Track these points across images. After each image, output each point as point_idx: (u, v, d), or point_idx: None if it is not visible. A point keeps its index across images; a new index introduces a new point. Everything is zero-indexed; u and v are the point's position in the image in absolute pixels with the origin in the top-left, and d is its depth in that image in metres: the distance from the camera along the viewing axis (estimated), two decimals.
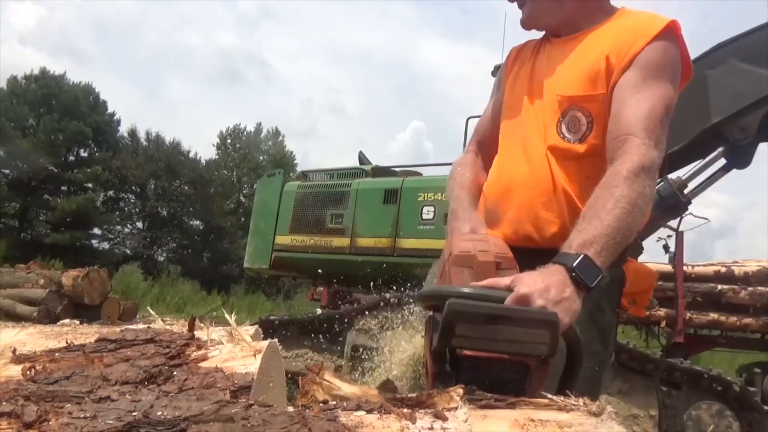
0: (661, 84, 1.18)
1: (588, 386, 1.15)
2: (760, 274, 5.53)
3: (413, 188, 5.36)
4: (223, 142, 32.12)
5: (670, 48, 1.21)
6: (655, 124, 1.14)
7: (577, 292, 0.94)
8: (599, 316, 1.26)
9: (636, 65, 1.18)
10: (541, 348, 0.89)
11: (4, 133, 22.11)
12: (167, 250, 28.08)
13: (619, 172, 1.07)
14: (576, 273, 0.94)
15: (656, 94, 1.16)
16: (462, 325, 0.90)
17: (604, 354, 1.31)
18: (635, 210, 1.03)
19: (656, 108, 1.15)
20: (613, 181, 1.06)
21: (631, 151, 1.09)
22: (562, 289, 0.92)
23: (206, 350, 1.26)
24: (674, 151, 4.41)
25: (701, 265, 5.94)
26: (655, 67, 1.18)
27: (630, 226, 1.02)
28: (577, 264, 0.95)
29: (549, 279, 0.92)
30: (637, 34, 1.21)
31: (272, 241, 6.05)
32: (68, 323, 1.97)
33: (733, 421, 3.84)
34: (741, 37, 4.28)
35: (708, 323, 5.70)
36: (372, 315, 4.78)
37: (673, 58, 1.22)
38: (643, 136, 1.11)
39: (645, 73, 1.18)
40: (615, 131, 1.14)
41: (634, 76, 1.18)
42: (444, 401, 0.86)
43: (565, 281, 0.93)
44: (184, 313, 12.61)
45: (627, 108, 1.15)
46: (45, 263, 9.40)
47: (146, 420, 0.77)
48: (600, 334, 1.28)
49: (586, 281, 0.94)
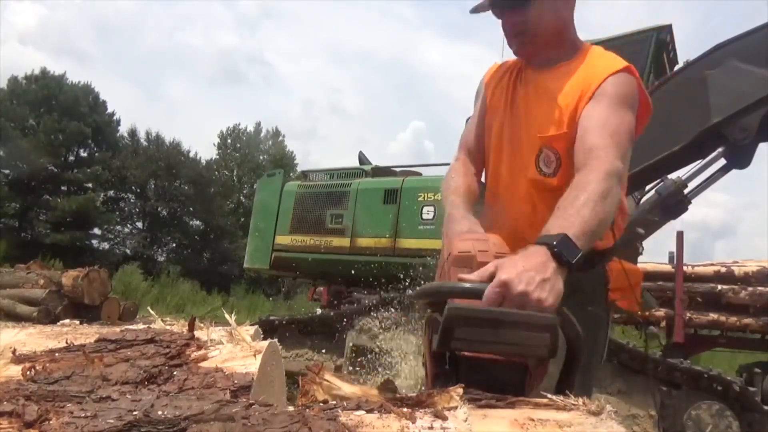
0: (622, 110, 1.31)
1: (579, 382, 1.16)
2: (760, 274, 5.53)
3: (413, 188, 5.36)
4: (224, 142, 32.14)
5: (628, 82, 1.36)
6: (619, 141, 1.26)
7: (559, 270, 0.97)
8: (587, 313, 1.32)
9: (599, 94, 1.33)
10: (541, 350, 0.90)
11: (4, 133, 22.12)
12: (167, 250, 28.10)
13: (589, 174, 1.17)
14: (557, 249, 0.98)
15: (618, 118, 1.29)
16: (461, 329, 0.90)
17: (594, 349, 1.38)
18: (606, 203, 1.11)
19: (619, 128, 1.28)
20: (584, 180, 1.15)
21: (598, 159, 1.19)
22: (544, 270, 0.95)
23: (206, 350, 1.26)
24: (674, 151, 4.42)
25: (701, 265, 5.95)
26: (616, 96, 1.32)
27: (601, 217, 1.09)
28: (558, 242, 1.00)
29: (529, 262, 0.95)
30: (600, 71, 1.36)
31: (272, 241, 6.05)
32: (68, 323, 1.98)
33: (733, 421, 3.84)
34: (741, 37, 4.28)
35: (708, 323, 5.70)
36: (372, 315, 4.78)
37: (632, 91, 1.36)
38: (608, 149, 1.22)
39: (607, 100, 1.31)
40: (582, 148, 1.26)
41: (597, 103, 1.31)
42: (444, 401, 0.86)
43: (547, 261, 0.97)
44: (184, 313, 12.60)
45: (592, 129, 1.27)
46: (45, 263, 9.39)
47: (147, 419, 0.77)
48: (589, 331, 1.28)
49: (567, 257, 0.98)
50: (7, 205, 22.85)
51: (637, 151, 5.10)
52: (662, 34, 5.10)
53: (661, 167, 4.51)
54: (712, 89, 4.24)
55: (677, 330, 5.35)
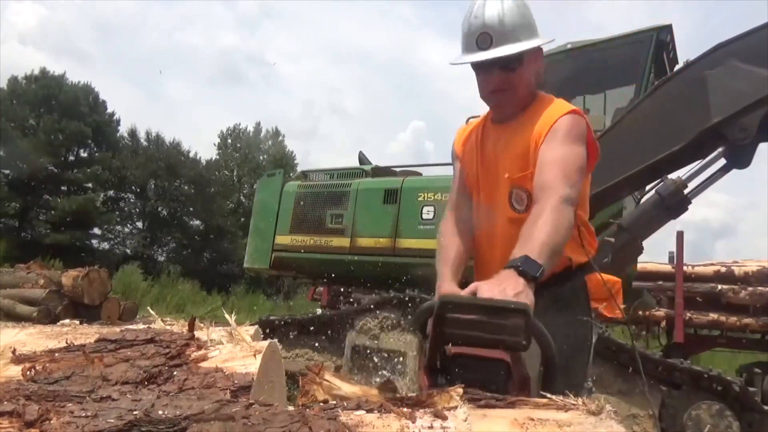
0: (572, 144, 1.49)
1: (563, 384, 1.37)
2: (760, 274, 5.53)
3: (413, 188, 5.36)
4: (224, 142, 32.15)
5: (577, 121, 1.53)
6: (569, 172, 1.43)
7: (528, 284, 1.16)
8: (568, 320, 1.55)
9: (551, 133, 1.50)
10: (517, 335, 1.04)
11: (4, 133, 22.11)
12: (167, 250, 28.10)
13: (544, 205, 1.35)
14: (522, 268, 1.18)
15: (569, 152, 1.47)
16: (450, 317, 1.06)
17: (576, 352, 1.57)
18: (559, 228, 1.31)
19: (569, 161, 1.45)
20: (540, 211, 1.34)
21: (550, 191, 1.38)
22: (516, 285, 1.15)
23: (206, 350, 1.26)
24: (674, 151, 4.41)
25: (701, 265, 5.95)
26: (566, 132, 1.50)
27: (557, 240, 1.29)
28: (521, 263, 1.20)
29: (503, 281, 1.16)
30: (553, 114, 1.55)
31: (272, 241, 6.04)
32: (68, 323, 1.98)
33: (733, 421, 3.84)
34: (741, 37, 4.28)
35: (708, 323, 5.70)
36: (372, 315, 4.78)
37: (581, 128, 1.54)
38: (560, 180, 1.40)
39: (559, 136, 1.49)
40: (539, 180, 1.44)
41: (550, 140, 1.50)
42: (444, 401, 0.87)
43: (517, 278, 1.17)
44: (184, 313, 12.59)
45: (546, 163, 1.45)
46: (45, 263, 9.39)
47: (147, 419, 0.77)
48: (571, 335, 1.54)
49: (531, 272, 1.18)
50: (7, 205, 22.84)
51: (637, 151, 5.12)
52: (662, 34, 5.09)
53: (661, 167, 4.51)
54: (712, 89, 4.24)
55: (677, 330, 5.35)
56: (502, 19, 1.52)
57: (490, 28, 1.52)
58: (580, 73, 5.42)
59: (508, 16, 1.53)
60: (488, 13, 1.53)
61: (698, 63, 4.41)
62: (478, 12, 1.55)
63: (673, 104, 4.47)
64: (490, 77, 1.58)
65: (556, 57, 5.50)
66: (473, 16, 1.55)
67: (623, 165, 4.57)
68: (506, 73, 1.56)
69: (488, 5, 1.55)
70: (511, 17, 1.53)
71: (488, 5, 1.55)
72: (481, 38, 1.53)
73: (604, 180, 4.58)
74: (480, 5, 1.56)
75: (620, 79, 5.42)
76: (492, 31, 1.52)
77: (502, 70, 1.55)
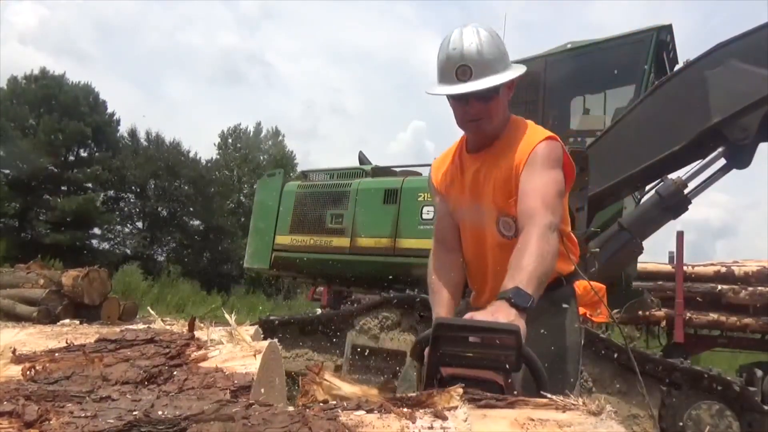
0: (551, 170, 1.57)
1: (561, 374, 1.57)
2: (760, 274, 5.52)
3: (413, 188, 5.35)
4: (224, 141, 32.14)
5: (553, 147, 1.60)
6: (550, 200, 1.50)
7: (519, 314, 1.23)
8: (560, 322, 1.68)
9: (530, 161, 1.57)
10: (509, 354, 1.10)
11: (4, 133, 22.09)
12: (167, 250, 28.06)
13: (530, 234, 1.42)
14: (514, 300, 1.25)
15: (548, 179, 1.54)
16: (446, 337, 1.12)
17: (568, 352, 1.65)
18: (545, 256, 1.38)
19: (549, 187, 1.53)
20: (527, 241, 1.41)
21: (535, 219, 1.44)
22: (508, 315, 1.22)
23: (206, 350, 1.26)
24: (674, 151, 4.41)
25: (701, 265, 5.94)
26: (545, 160, 1.57)
27: (543, 268, 1.36)
28: (512, 294, 1.27)
29: (496, 311, 1.23)
30: (531, 141, 1.61)
31: (272, 241, 6.04)
32: (68, 323, 1.98)
33: (733, 421, 3.83)
34: (741, 37, 4.28)
35: (708, 323, 5.69)
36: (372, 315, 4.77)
37: (557, 153, 1.61)
38: (542, 208, 1.46)
39: (538, 163, 1.56)
40: (522, 209, 1.51)
41: (530, 168, 1.56)
42: (444, 401, 0.86)
43: (509, 309, 1.24)
44: (184, 313, 12.59)
45: (528, 191, 1.52)
46: (45, 263, 9.38)
47: (147, 419, 0.77)
48: (563, 336, 1.66)
49: (522, 304, 1.25)
50: (7, 205, 22.81)
51: (637, 151, 5.12)
52: (662, 34, 5.09)
53: (661, 167, 4.51)
54: (712, 89, 4.24)
55: (677, 330, 5.35)
56: (480, 52, 1.55)
57: (469, 60, 1.55)
58: (580, 73, 5.42)
59: (485, 48, 1.56)
60: (467, 45, 1.56)
61: (698, 63, 4.41)
62: (456, 43, 1.57)
63: (673, 104, 4.47)
64: (467, 107, 1.61)
65: (556, 57, 5.50)
66: (451, 47, 1.57)
67: (623, 165, 4.57)
68: (483, 102, 1.60)
69: (465, 37, 1.57)
70: (488, 49, 1.56)
71: (465, 37, 1.57)
72: (460, 70, 1.56)
73: (605, 180, 4.59)
74: (457, 37, 1.58)
75: (620, 79, 5.42)
76: (471, 63, 1.55)
77: (479, 100, 1.59)
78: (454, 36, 1.59)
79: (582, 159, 4.06)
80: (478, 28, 1.59)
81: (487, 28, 1.60)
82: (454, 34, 1.59)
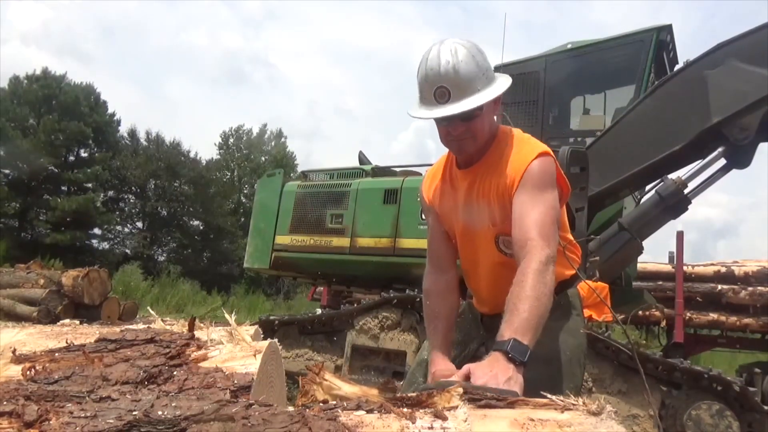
0: (545, 192, 1.53)
1: (564, 373, 1.60)
2: (760, 274, 5.53)
3: (413, 188, 5.34)
4: (225, 142, 32.14)
5: (547, 165, 1.56)
6: (546, 228, 1.47)
7: (516, 369, 1.25)
8: (564, 323, 1.69)
9: (524, 182, 1.53)
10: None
11: (5, 133, 22.09)
12: (167, 250, 28.07)
13: (526, 270, 1.39)
14: (511, 354, 1.26)
15: (542, 202, 1.51)
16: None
17: (572, 352, 1.66)
18: (541, 298, 1.36)
19: (545, 213, 1.49)
20: (523, 279, 1.38)
21: (532, 253, 1.42)
22: (506, 371, 1.23)
23: (206, 350, 1.26)
24: (674, 151, 4.41)
25: (701, 265, 5.95)
26: (539, 180, 1.53)
27: (539, 312, 1.35)
28: (510, 348, 1.27)
29: (495, 366, 1.24)
30: (524, 157, 1.56)
31: (272, 241, 6.04)
32: (68, 323, 1.98)
33: (733, 421, 3.83)
34: (741, 37, 4.28)
35: (708, 323, 5.70)
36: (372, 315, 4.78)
37: (551, 172, 1.57)
38: (539, 240, 1.44)
39: (531, 186, 1.52)
40: (518, 238, 1.48)
41: (524, 189, 1.52)
42: (444, 401, 0.86)
43: (507, 364, 1.25)
44: (184, 313, 12.58)
45: (523, 218, 1.49)
46: (45, 263, 9.39)
47: (147, 419, 0.77)
48: (568, 336, 1.67)
49: (519, 358, 1.26)
50: (7, 205, 22.82)
51: (637, 151, 5.12)
52: (662, 34, 5.09)
53: (661, 167, 4.51)
54: (712, 89, 4.24)
55: (677, 330, 5.35)
56: (457, 72, 1.48)
57: (447, 81, 1.48)
58: (580, 73, 5.42)
59: (462, 67, 1.48)
60: (443, 66, 1.48)
61: (698, 63, 4.41)
62: (433, 62, 1.50)
63: (673, 104, 4.47)
64: (449, 128, 1.57)
65: (556, 57, 5.50)
66: (428, 66, 1.51)
67: (623, 165, 4.57)
68: (466, 122, 1.54)
69: (442, 56, 1.49)
70: (466, 68, 1.48)
71: (442, 56, 1.49)
72: (438, 92, 1.49)
73: (605, 180, 4.58)
74: (434, 56, 1.50)
75: (620, 79, 5.42)
76: (449, 84, 1.48)
77: (462, 120, 1.54)
78: (432, 54, 1.51)
79: (582, 159, 4.06)
80: (456, 45, 1.51)
81: (465, 44, 1.52)
82: (432, 52, 1.52)
